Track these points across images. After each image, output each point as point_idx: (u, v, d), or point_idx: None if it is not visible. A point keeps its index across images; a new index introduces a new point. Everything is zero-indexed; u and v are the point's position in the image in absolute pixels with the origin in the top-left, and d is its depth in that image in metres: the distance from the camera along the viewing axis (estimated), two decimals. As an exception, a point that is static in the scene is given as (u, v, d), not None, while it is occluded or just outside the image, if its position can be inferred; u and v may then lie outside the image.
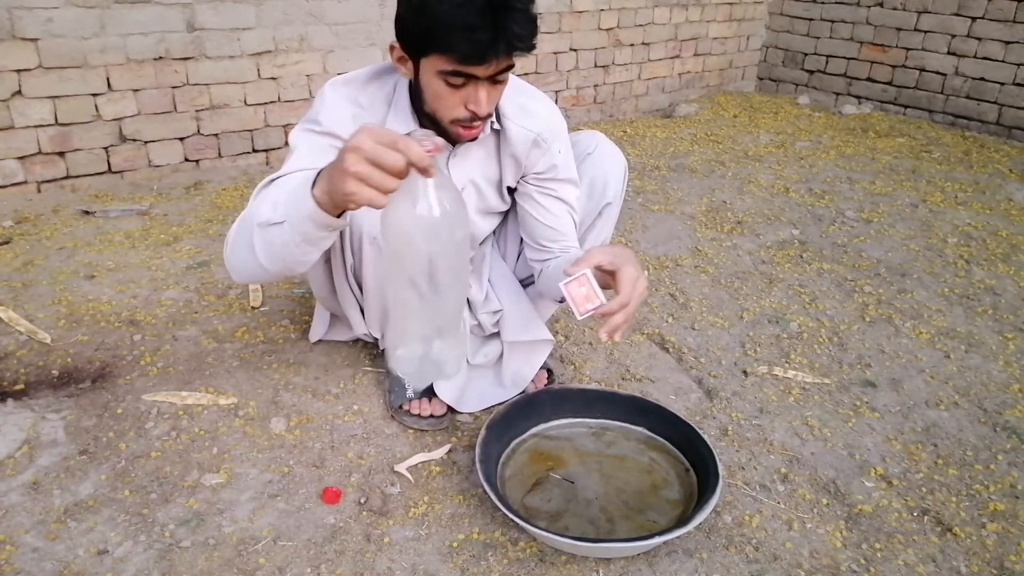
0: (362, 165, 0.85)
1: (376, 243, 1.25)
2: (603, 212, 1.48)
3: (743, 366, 1.69)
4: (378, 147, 0.85)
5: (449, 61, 1.07)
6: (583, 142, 1.47)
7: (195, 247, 2.17)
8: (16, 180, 2.45)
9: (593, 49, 3.76)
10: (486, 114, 1.15)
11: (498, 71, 1.10)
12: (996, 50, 3.63)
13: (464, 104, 1.14)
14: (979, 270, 2.21)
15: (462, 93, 1.12)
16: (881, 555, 1.18)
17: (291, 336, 1.71)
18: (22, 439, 1.35)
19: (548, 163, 1.36)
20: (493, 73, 1.10)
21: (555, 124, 1.36)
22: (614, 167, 1.47)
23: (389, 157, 0.85)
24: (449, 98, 1.13)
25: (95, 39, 2.44)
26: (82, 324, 1.73)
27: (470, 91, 1.12)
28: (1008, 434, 1.49)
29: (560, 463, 1.33)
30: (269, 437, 1.39)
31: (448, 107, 1.15)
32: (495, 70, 1.09)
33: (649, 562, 1.15)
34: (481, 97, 1.12)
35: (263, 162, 2.93)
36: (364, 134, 0.86)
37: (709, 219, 2.56)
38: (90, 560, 1.11)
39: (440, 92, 1.13)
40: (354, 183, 0.86)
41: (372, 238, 1.25)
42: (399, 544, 1.17)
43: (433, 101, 1.16)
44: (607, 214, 1.49)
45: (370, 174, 0.85)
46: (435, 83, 1.12)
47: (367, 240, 1.25)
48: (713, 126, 3.78)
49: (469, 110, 1.14)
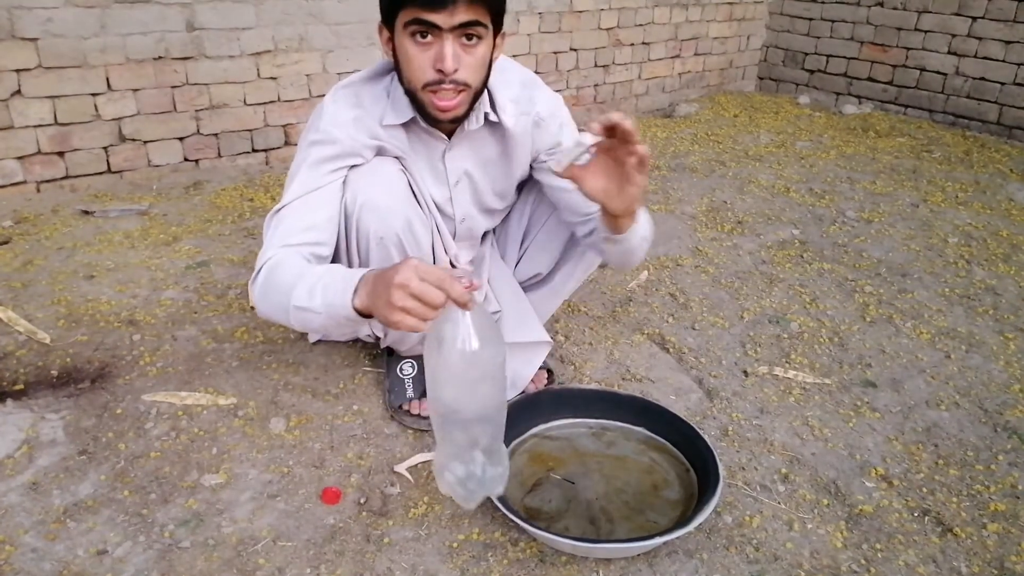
0: (408, 300, 0.93)
1: (383, 243, 1.26)
2: None
3: (743, 366, 1.68)
4: (423, 284, 0.93)
5: (412, 11, 1.10)
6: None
7: (195, 247, 2.16)
8: (15, 180, 2.44)
9: (593, 49, 3.76)
10: (453, 73, 1.14)
11: (461, 22, 1.10)
12: (996, 50, 3.63)
13: (432, 64, 1.14)
14: (980, 270, 2.20)
15: (430, 53, 1.14)
16: (882, 555, 1.18)
17: (291, 336, 1.71)
18: (21, 439, 1.35)
19: (553, 140, 1.37)
20: (455, 24, 1.10)
21: (550, 102, 1.37)
22: None
23: (431, 293, 0.93)
24: (418, 58, 1.14)
25: (95, 39, 2.44)
26: (81, 324, 1.73)
27: (437, 49, 1.13)
28: (1009, 434, 1.49)
29: (560, 463, 1.33)
30: (269, 437, 1.39)
31: (418, 70, 1.16)
32: (456, 19, 1.10)
33: (649, 562, 1.15)
34: (447, 52, 1.12)
35: (263, 162, 2.93)
36: (411, 271, 0.93)
37: (709, 219, 2.56)
38: (89, 560, 1.11)
39: (410, 53, 1.15)
40: (399, 315, 0.95)
41: (379, 238, 1.25)
42: (399, 544, 1.17)
43: (407, 68, 1.17)
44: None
45: (414, 308, 0.94)
46: (406, 45, 1.14)
47: (374, 241, 1.25)
48: (713, 126, 3.77)
49: (436, 70, 1.14)
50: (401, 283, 0.93)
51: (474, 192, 1.41)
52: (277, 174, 2.81)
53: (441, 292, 0.93)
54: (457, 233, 1.44)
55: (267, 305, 1.18)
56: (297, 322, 1.14)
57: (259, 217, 2.40)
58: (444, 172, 1.35)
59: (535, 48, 3.54)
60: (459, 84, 1.16)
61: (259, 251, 1.21)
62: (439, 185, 1.36)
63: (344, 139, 1.24)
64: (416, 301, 0.93)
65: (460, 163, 1.35)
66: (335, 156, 1.24)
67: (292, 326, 1.17)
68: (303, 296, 1.10)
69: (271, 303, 1.16)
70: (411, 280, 0.93)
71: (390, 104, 1.27)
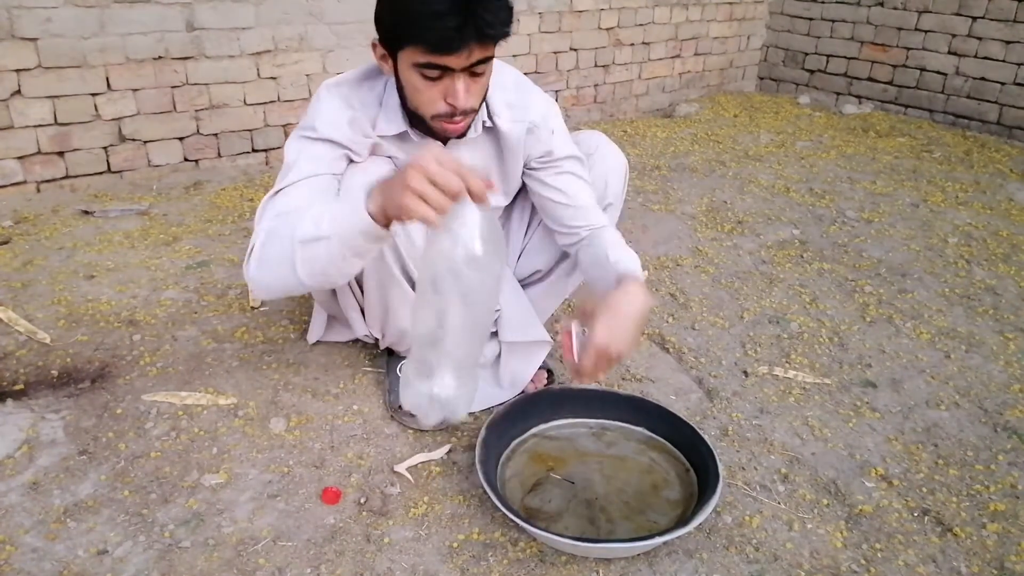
0: (423, 184, 0.89)
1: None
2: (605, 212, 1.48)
3: (743, 366, 1.69)
4: (441, 169, 0.89)
5: (422, 52, 1.07)
6: (584, 142, 1.47)
7: (195, 247, 2.16)
8: (15, 180, 2.44)
9: (593, 48, 3.76)
10: (466, 107, 1.13)
11: (473, 62, 1.08)
12: (997, 50, 3.63)
13: (443, 98, 1.12)
14: (980, 270, 2.20)
15: (440, 86, 1.11)
16: (881, 555, 1.18)
17: (290, 336, 1.71)
18: (21, 439, 1.35)
19: (543, 148, 1.36)
20: (467, 64, 1.08)
21: (543, 109, 1.36)
22: (615, 168, 1.47)
23: (449, 179, 0.89)
24: (427, 92, 1.12)
25: (94, 39, 2.44)
26: (81, 324, 1.73)
27: (447, 84, 1.11)
28: (1008, 434, 1.49)
29: (560, 463, 1.33)
30: (269, 437, 1.39)
31: (427, 101, 1.14)
32: (469, 60, 1.08)
33: (649, 562, 1.15)
34: (459, 89, 1.10)
35: (263, 162, 2.93)
36: (429, 155, 0.90)
37: (709, 219, 2.56)
38: (90, 560, 1.11)
39: (418, 86, 1.12)
40: (413, 198, 0.90)
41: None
42: (399, 544, 1.17)
43: (413, 96, 1.15)
44: (608, 214, 1.49)
45: (429, 193, 0.89)
46: (412, 77, 1.12)
47: None
48: (713, 126, 3.77)
49: (448, 104, 1.13)
50: (419, 165, 0.89)
51: None
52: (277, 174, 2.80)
53: (459, 179, 0.89)
54: None
55: (266, 268, 1.11)
56: (304, 265, 1.06)
57: (259, 217, 2.40)
58: None
59: (535, 48, 3.54)
60: (468, 113, 1.16)
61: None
62: None
63: (340, 139, 1.22)
64: (433, 187, 0.89)
65: None
66: (331, 154, 1.23)
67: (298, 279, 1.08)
68: (309, 228, 1.04)
69: (272, 259, 1.09)
70: (430, 164, 0.89)
71: (383, 113, 1.25)
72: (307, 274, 1.07)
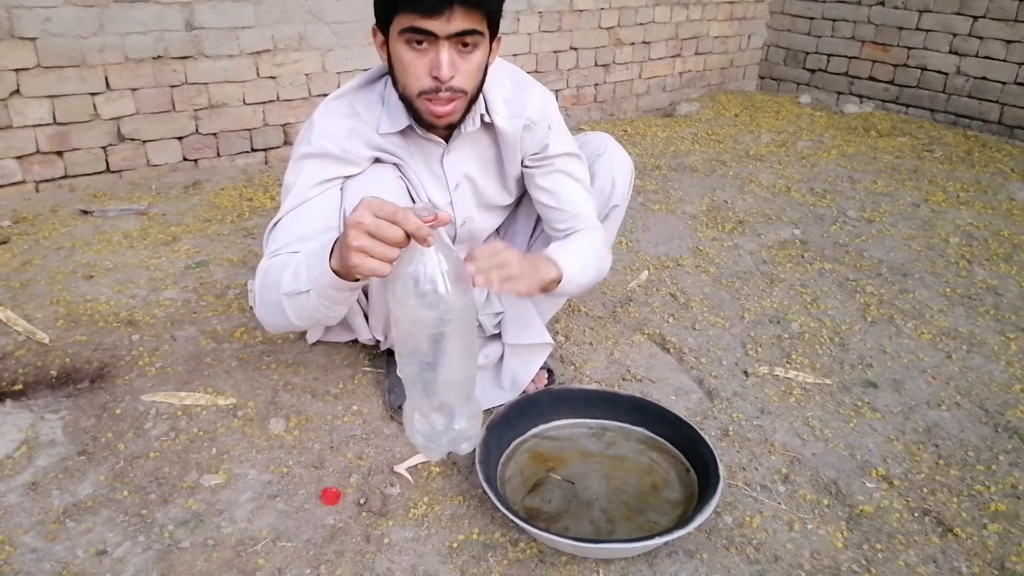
0: (364, 239, 0.89)
1: None
2: (610, 214, 1.49)
3: (744, 366, 1.68)
4: (378, 221, 0.89)
5: (407, 17, 1.08)
6: (592, 143, 1.48)
7: (194, 247, 2.16)
8: (14, 180, 2.44)
9: (593, 48, 3.76)
10: (448, 78, 1.13)
11: (458, 31, 1.09)
12: (998, 49, 3.62)
13: (429, 72, 1.13)
14: (981, 270, 2.20)
15: (426, 60, 1.12)
16: (882, 556, 1.18)
17: (290, 336, 1.71)
18: (20, 439, 1.34)
19: (539, 144, 1.36)
20: (453, 32, 1.09)
21: (539, 103, 1.35)
22: (622, 170, 1.48)
23: (387, 230, 0.89)
24: (414, 65, 1.13)
25: (93, 38, 2.43)
26: (80, 324, 1.73)
27: (433, 56, 1.11)
28: (1009, 434, 1.48)
29: (560, 464, 1.33)
30: (268, 438, 1.39)
31: (414, 77, 1.14)
32: (451, 26, 1.08)
33: (649, 563, 1.14)
34: (442, 60, 1.11)
35: (262, 161, 2.93)
36: (364, 209, 0.90)
37: (710, 219, 2.56)
38: (89, 561, 1.11)
39: (406, 60, 1.13)
40: (357, 256, 0.90)
41: None
42: (399, 545, 1.16)
43: (402, 75, 1.16)
44: (613, 216, 1.50)
45: (371, 247, 0.90)
46: (401, 51, 1.13)
47: None
48: (714, 125, 3.77)
49: (433, 77, 1.13)
50: (355, 221, 0.89)
51: (475, 193, 1.40)
52: (276, 174, 2.81)
53: (397, 228, 0.88)
54: (457, 236, 1.44)
55: (266, 311, 1.17)
56: (294, 313, 1.11)
57: (259, 217, 2.40)
58: (444, 176, 1.35)
59: (535, 47, 3.54)
60: (455, 91, 1.15)
61: (259, 251, 1.21)
62: (439, 189, 1.36)
63: (337, 151, 1.23)
64: (373, 240, 0.89)
65: (459, 166, 1.35)
66: (329, 167, 1.24)
67: (294, 324, 1.15)
68: (289, 283, 1.08)
69: (268, 305, 1.15)
70: (364, 217, 0.89)
71: (385, 111, 1.26)
72: (300, 319, 1.13)
